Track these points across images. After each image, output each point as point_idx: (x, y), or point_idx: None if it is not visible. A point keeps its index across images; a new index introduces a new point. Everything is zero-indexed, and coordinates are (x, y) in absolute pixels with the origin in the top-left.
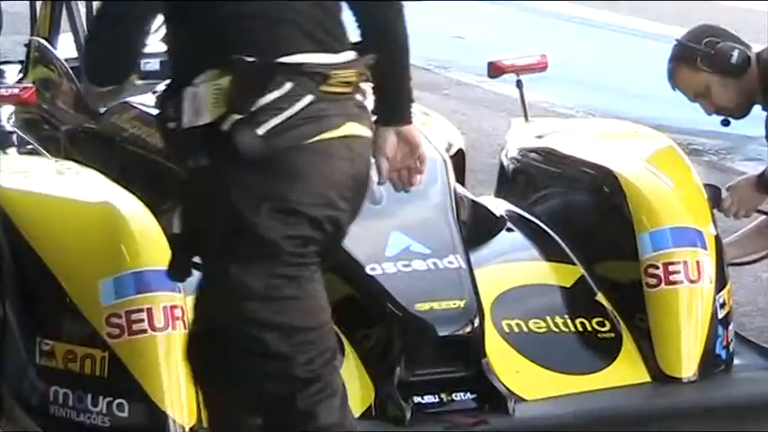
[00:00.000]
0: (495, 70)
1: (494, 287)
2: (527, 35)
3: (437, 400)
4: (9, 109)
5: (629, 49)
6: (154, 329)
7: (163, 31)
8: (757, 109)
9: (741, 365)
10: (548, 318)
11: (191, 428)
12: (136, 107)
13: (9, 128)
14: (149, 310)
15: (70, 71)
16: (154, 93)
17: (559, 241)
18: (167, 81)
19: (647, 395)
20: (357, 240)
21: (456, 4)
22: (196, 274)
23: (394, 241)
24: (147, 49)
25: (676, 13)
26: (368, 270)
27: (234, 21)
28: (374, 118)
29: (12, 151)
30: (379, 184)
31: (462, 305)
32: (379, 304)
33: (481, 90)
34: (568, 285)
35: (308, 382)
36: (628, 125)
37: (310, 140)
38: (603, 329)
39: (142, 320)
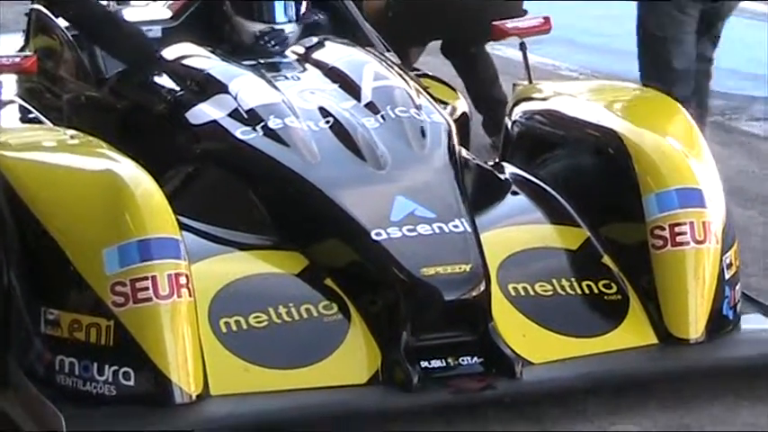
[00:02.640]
0: (498, 33)
1: (499, 251)
2: None
3: (444, 364)
4: (11, 78)
5: (632, 10)
6: (159, 297)
7: None
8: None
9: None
10: (554, 281)
11: (197, 396)
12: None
13: (11, 97)
14: (154, 278)
15: (72, 39)
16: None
17: (565, 204)
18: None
19: (655, 357)
20: (361, 205)
21: None
22: (200, 242)
23: (399, 206)
24: (149, 17)
25: None
26: (373, 235)
27: None
28: None
29: (14, 120)
30: None
31: (468, 269)
32: (384, 269)
33: (493, 57)
34: (574, 248)
35: None
36: (632, 86)
37: None
38: (610, 292)
39: (147, 288)
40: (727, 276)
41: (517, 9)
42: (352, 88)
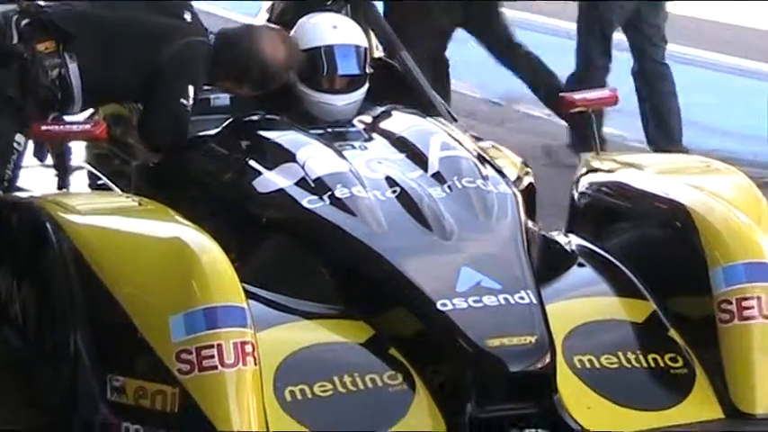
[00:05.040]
0: (565, 104)
1: (565, 322)
2: None
3: None
4: (80, 144)
5: (699, 82)
6: (224, 365)
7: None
8: None
9: None
10: (620, 353)
11: None
12: (206, 142)
13: (80, 163)
14: (219, 346)
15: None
16: (224, 128)
17: (631, 276)
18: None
19: (721, 431)
20: (427, 275)
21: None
22: (266, 310)
23: (464, 276)
24: None
25: (753, 49)
26: (438, 305)
27: None
28: None
29: (83, 186)
30: None
31: (533, 341)
32: (449, 340)
33: (552, 124)
34: (640, 321)
35: None
36: (699, 159)
37: None
38: (676, 365)
39: (212, 356)
40: None
41: None
42: (419, 158)
